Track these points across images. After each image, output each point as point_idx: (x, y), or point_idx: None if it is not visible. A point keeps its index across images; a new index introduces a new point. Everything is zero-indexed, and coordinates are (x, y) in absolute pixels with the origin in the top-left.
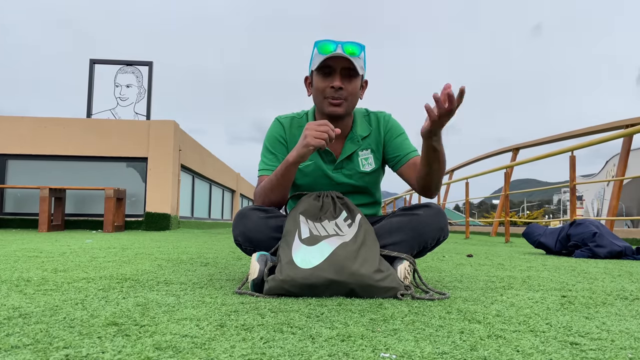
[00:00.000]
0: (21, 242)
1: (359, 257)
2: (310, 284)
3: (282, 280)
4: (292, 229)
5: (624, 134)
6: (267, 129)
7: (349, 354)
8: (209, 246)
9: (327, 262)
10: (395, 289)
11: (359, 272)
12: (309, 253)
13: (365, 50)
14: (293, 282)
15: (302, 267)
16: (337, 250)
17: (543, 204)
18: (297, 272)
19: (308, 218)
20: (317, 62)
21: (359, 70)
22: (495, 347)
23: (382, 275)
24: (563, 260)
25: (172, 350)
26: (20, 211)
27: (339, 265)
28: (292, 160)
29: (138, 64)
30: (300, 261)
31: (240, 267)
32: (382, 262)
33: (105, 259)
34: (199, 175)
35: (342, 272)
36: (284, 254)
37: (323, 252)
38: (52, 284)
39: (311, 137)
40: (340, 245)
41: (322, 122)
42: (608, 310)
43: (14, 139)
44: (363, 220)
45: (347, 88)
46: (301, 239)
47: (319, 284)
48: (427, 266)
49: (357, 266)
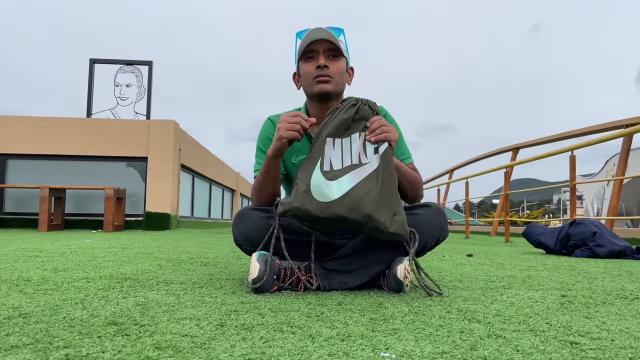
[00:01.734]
0: (21, 241)
1: (375, 198)
2: (322, 217)
3: (296, 208)
4: (316, 155)
5: (624, 133)
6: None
7: (349, 353)
8: (209, 246)
9: (343, 199)
10: (402, 236)
11: (373, 216)
12: (326, 187)
13: (344, 33)
14: (307, 212)
15: (317, 199)
16: (355, 188)
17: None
18: (312, 203)
19: (335, 137)
20: (300, 48)
21: (342, 51)
22: (495, 347)
23: (393, 220)
24: (563, 260)
25: (172, 350)
26: (20, 211)
27: (355, 205)
28: (271, 154)
29: (138, 64)
30: (316, 193)
31: (240, 266)
32: (398, 204)
33: (105, 258)
34: (199, 175)
35: (356, 211)
36: (302, 180)
37: (341, 188)
38: (52, 283)
39: (283, 129)
40: (360, 182)
41: (294, 114)
42: (608, 310)
43: (14, 138)
44: (388, 151)
45: (332, 67)
46: (322, 171)
47: (331, 219)
48: (427, 266)
49: (372, 209)
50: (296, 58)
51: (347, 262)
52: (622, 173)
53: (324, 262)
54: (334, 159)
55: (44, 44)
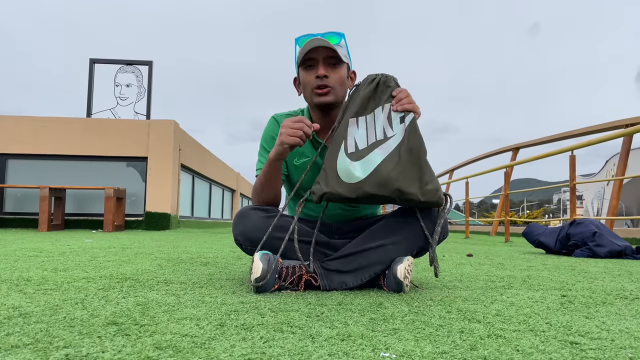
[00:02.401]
0: (21, 241)
1: (403, 171)
2: (355, 198)
3: (329, 192)
4: (338, 140)
5: (624, 133)
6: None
7: (349, 353)
8: (209, 246)
9: (371, 177)
10: (436, 202)
11: (403, 189)
12: (353, 168)
13: (345, 38)
14: (339, 195)
15: (347, 181)
16: (382, 164)
17: (543, 204)
18: (342, 186)
19: (359, 116)
20: (300, 57)
21: (342, 58)
22: (495, 347)
23: (425, 190)
24: (563, 260)
25: (172, 350)
26: (20, 211)
27: (384, 181)
28: (273, 157)
29: (138, 64)
30: (344, 176)
31: (240, 266)
32: (428, 173)
33: (105, 258)
34: (199, 175)
35: (386, 187)
36: (328, 166)
37: (368, 167)
38: (52, 283)
39: (285, 135)
40: (386, 158)
41: (297, 119)
42: (608, 310)
43: (14, 138)
44: (414, 121)
45: (332, 76)
46: (347, 153)
47: (362, 197)
48: (427, 266)
49: (401, 183)
50: (296, 64)
51: (347, 262)
52: (622, 173)
53: (324, 262)
54: (358, 138)
55: (44, 44)
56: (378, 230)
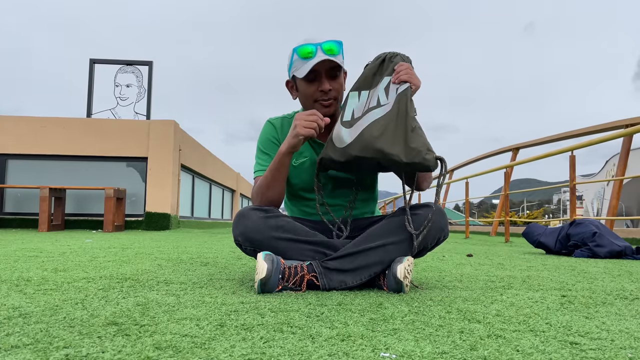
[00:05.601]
0: (21, 241)
1: (387, 133)
2: (343, 162)
3: (322, 158)
4: (339, 113)
5: (624, 133)
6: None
7: (349, 353)
8: (209, 246)
9: (356, 140)
10: (420, 164)
11: (384, 150)
12: (344, 134)
13: (342, 45)
14: (331, 159)
15: (338, 146)
16: (366, 129)
17: (543, 204)
18: (334, 151)
19: (362, 90)
20: (302, 69)
21: (341, 64)
22: (495, 347)
23: (409, 151)
24: (563, 260)
25: (172, 350)
26: (20, 211)
27: (366, 143)
28: (284, 150)
29: (138, 64)
30: (337, 141)
31: (240, 266)
32: (417, 138)
33: (105, 258)
34: (199, 175)
35: (368, 149)
36: (331, 135)
37: (355, 131)
38: (52, 283)
39: (301, 126)
40: (373, 122)
41: (311, 112)
42: (608, 310)
43: (14, 138)
44: (407, 90)
45: (335, 88)
46: (342, 122)
47: (350, 161)
48: (427, 266)
49: (382, 143)
50: (290, 68)
51: (347, 261)
52: (622, 173)
53: (324, 262)
54: (356, 109)
55: (44, 44)
56: (378, 230)
